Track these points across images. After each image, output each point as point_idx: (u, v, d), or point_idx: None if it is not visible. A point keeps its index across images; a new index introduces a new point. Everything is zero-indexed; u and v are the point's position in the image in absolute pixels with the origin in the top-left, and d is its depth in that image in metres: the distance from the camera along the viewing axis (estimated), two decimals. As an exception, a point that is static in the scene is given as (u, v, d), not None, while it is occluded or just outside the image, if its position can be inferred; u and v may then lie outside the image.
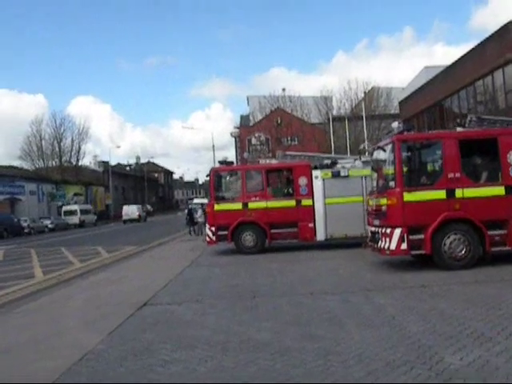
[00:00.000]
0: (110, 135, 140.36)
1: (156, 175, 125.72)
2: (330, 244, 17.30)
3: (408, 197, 10.82)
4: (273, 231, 17.07)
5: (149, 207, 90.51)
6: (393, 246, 10.90)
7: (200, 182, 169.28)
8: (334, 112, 43.47)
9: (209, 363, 5.58)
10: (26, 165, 74.90)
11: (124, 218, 60.81)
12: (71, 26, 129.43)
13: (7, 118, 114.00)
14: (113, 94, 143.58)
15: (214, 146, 74.13)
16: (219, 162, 20.20)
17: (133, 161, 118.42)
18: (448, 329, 6.24)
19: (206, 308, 8.66)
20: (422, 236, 10.86)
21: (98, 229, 49.15)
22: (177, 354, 5.99)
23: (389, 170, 11.36)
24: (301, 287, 10.09)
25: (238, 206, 17.09)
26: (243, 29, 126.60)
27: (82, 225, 55.73)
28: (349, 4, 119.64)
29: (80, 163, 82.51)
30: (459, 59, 28.92)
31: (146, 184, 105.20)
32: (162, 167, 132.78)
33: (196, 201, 74.47)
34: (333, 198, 16.59)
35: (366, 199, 14.05)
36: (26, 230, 45.07)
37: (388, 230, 11.00)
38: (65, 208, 59.15)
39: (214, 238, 17.50)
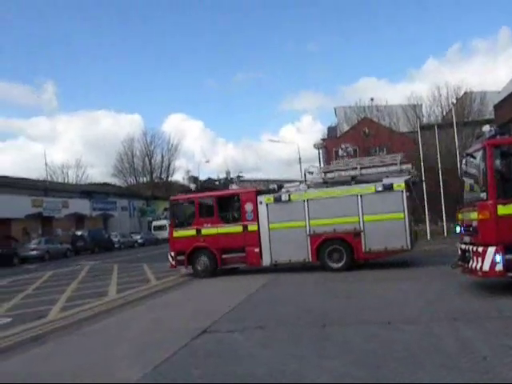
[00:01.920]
0: (203, 151, 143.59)
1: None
2: (414, 262, 16.27)
3: (503, 210, 9.33)
4: (223, 256, 17.42)
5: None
6: (486, 267, 9.44)
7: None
8: (424, 120, 41.29)
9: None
10: (118, 181, 77.73)
11: None
12: (162, 49, 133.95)
13: (106, 138, 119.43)
14: (204, 111, 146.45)
15: (300, 158, 73.31)
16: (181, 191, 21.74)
17: (223, 175, 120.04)
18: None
19: (268, 337, 7.77)
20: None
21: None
22: (219, 400, 5.14)
23: (479, 179, 9.97)
24: (377, 314, 8.94)
25: (193, 232, 17.74)
26: (331, 40, 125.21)
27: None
28: (439, 9, 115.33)
29: (171, 179, 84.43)
30: None
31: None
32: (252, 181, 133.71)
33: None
34: (276, 223, 16.66)
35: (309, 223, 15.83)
36: (116, 245, 46.17)
37: (480, 249, 9.57)
38: (155, 223, 60.34)
39: (173, 263, 18.38)
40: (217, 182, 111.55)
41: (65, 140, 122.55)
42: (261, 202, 16.95)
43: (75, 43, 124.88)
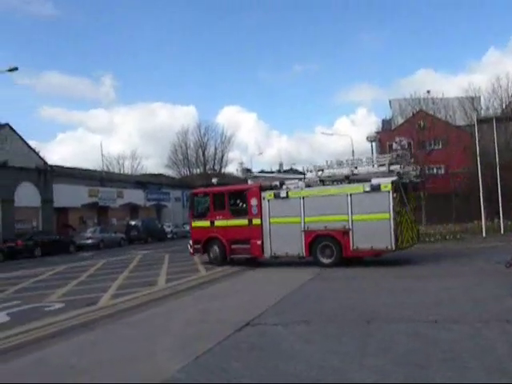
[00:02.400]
0: (257, 143, 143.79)
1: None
2: (466, 259, 16.11)
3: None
4: (232, 246, 18.98)
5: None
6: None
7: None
8: (482, 113, 39.92)
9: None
10: (172, 173, 78.87)
11: None
12: (219, 42, 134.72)
13: (162, 129, 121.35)
14: (259, 103, 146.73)
15: (353, 151, 72.51)
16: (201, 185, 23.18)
17: (276, 167, 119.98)
18: None
19: (311, 332, 7.70)
20: None
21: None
22: (257, 394, 5.11)
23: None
24: (425, 312, 8.71)
25: (207, 223, 19.61)
26: (388, 33, 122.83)
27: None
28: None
29: (224, 170, 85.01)
30: None
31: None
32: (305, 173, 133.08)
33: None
34: (275, 218, 17.78)
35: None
36: (168, 236, 46.91)
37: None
38: (207, 214, 60.94)
39: (191, 251, 20.75)
40: (269, 175, 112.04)
41: (122, 131, 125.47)
42: (263, 198, 18.10)
43: (133, 37, 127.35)
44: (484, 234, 25.77)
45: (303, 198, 17.24)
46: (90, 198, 46.37)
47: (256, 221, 18.24)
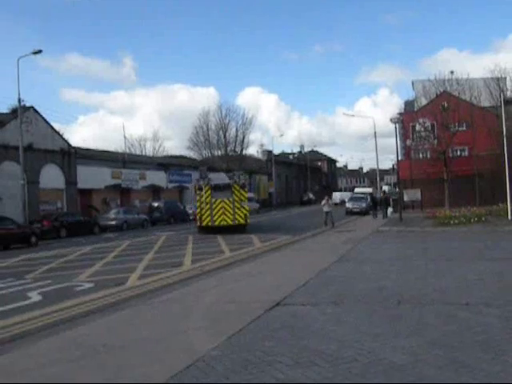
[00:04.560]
0: (277, 124, 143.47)
1: (319, 163, 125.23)
2: (489, 241, 16.08)
3: None
4: None
5: (311, 195, 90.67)
6: None
7: (364, 171, 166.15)
8: (508, 94, 39.19)
9: (325, 389, 4.69)
10: (193, 154, 79.05)
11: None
12: (240, 22, 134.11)
13: (183, 111, 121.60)
14: (280, 84, 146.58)
15: (375, 132, 72.44)
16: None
17: (297, 149, 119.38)
18: None
19: (341, 313, 7.72)
20: None
21: (260, 216, 49.70)
22: (292, 372, 5.15)
23: None
24: (455, 294, 8.71)
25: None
26: (410, 13, 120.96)
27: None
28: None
29: (245, 152, 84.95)
30: None
31: (309, 172, 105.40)
32: (326, 155, 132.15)
33: (358, 190, 73.39)
34: None
35: None
36: (191, 217, 47.09)
37: None
38: (228, 195, 61.04)
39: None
40: (290, 156, 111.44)
41: (143, 113, 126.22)
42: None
43: (154, 19, 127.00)
44: (509, 217, 25.48)
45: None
46: (113, 180, 46.73)
47: None
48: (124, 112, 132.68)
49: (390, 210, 37.33)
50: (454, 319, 6.97)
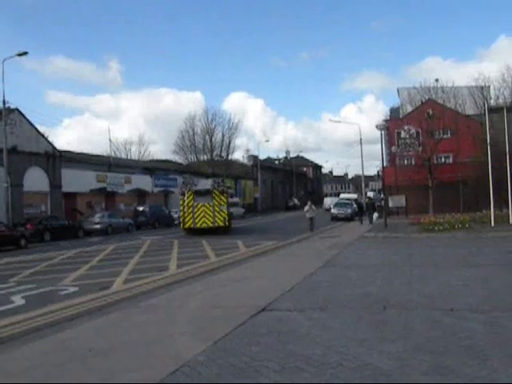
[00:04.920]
0: (263, 130, 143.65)
1: (304, 169, 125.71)
2: (473, 248, 16.11)
3: None
4: None
5: (296, 201, 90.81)
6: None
7: (349, 177, 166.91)
8: (492, 102, 39.63)
9: (311, 395, 4.70)
10: (179, 159, 78.95)
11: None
12: (226, 27, 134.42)
13: (168, 115, 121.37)
14: (266, 89, 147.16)
15: (361, 139, 72.67)
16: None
17: (283, 155, 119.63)
18: None
19: (327, 318, 7.75)
20: None
21: (245, 221, 49.68)
22: (279, 377, 5.15)
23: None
24: (440, 300, 8.77)
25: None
26: (396, 19, 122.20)
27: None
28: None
29: (231, 157, 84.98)
30: None
31: (295, 178, 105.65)
32: (311, 161, 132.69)
33: (343, 196, 73.65)
34: None
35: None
36: (176, 222, 46.94)
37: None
38: (213, 201, 60.93)
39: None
40: (276, 162, 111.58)
41: (128, 117, 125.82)
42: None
43: (141, 22, 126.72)
44: (493, 224, 25.74)
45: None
46: (98, 184, 46.45)
47: None
48: (109, 115, 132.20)
49: (375, 215, 37.53)
50: (439, 324, 7.03)
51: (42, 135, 41.28)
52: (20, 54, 31.81)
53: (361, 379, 4.99)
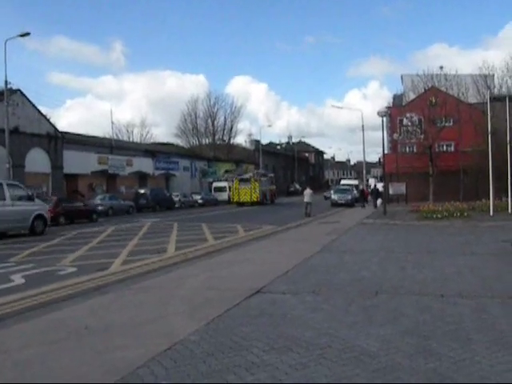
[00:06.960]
0: (266, 114, 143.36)
1: (307, 155, 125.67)
2: (471, 235, 16.08)
3: None
4: None
5: (297, 186, 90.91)
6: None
7: (352, 163, 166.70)
8: (495, 91, 39.44)
9: (298, 373, 4.82)
10: (181, 142, 79.04)
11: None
12: (232, 10, 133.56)
13: (171, 98, 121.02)
14: (270, 74, 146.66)
15: (363, 125, 72.62)
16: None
17: (285, 140, 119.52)
18: None
19: (320, 302, 7.88)
20: None
21: (246, 206, 49.81)
22: (267, 356, 5.30)
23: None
24: (433, 286, 8.90)
25: None
26: (403, 5, 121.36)
27: (230, 201, 56.84)
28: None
29: (233, 141, 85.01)
30: None
31: (297, 163, 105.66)
32: (313, 147, 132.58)
33: (344, 182, 73.73)
34: None
35: None
36: (176, 205, 47.18)
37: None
38: (215, 184, 61.12)
39: None
40: (278, 147, 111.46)
41: (131, 99, 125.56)
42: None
43: (145, 4, 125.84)
44: (492, 213, 25.84)
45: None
46: (100, 166, 46.62)
47: None
48: (112, 97, 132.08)
49: (379, 201, 38.26)
50: (429, 309, 7.16)
51: (44, 116, 41.36)
52: (22, 35, 31.74)
53: (347, 360, 5.12)
